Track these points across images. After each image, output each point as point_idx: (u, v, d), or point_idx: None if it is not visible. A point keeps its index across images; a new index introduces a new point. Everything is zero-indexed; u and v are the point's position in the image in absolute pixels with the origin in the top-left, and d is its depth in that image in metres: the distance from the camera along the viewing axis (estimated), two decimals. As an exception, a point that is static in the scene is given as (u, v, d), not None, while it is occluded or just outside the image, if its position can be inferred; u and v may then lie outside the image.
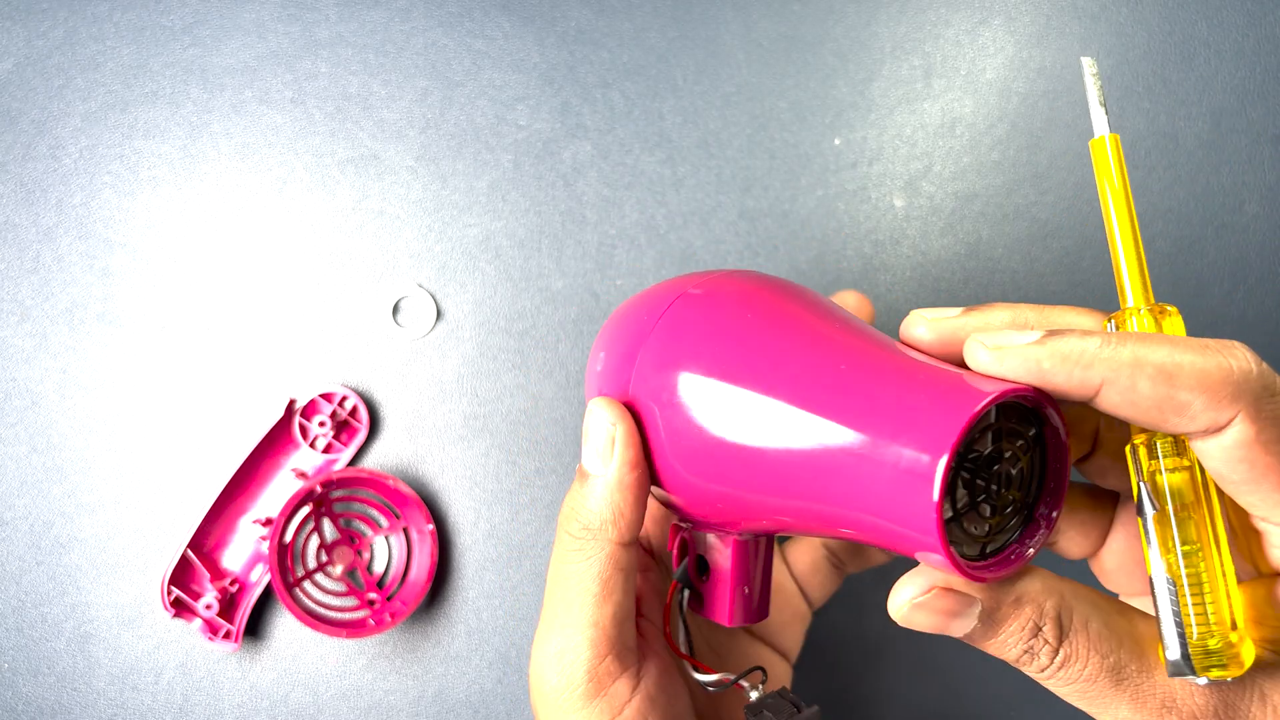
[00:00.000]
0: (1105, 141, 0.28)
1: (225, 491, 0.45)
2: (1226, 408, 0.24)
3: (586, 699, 0.32)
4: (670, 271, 0.47)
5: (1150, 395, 0.24)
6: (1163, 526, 0.26)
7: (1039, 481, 0.27)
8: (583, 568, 0.32)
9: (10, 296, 0.46)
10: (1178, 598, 0.26)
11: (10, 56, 0.47)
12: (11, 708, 0.45)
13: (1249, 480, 0.25)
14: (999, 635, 0.27)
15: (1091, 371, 0.24)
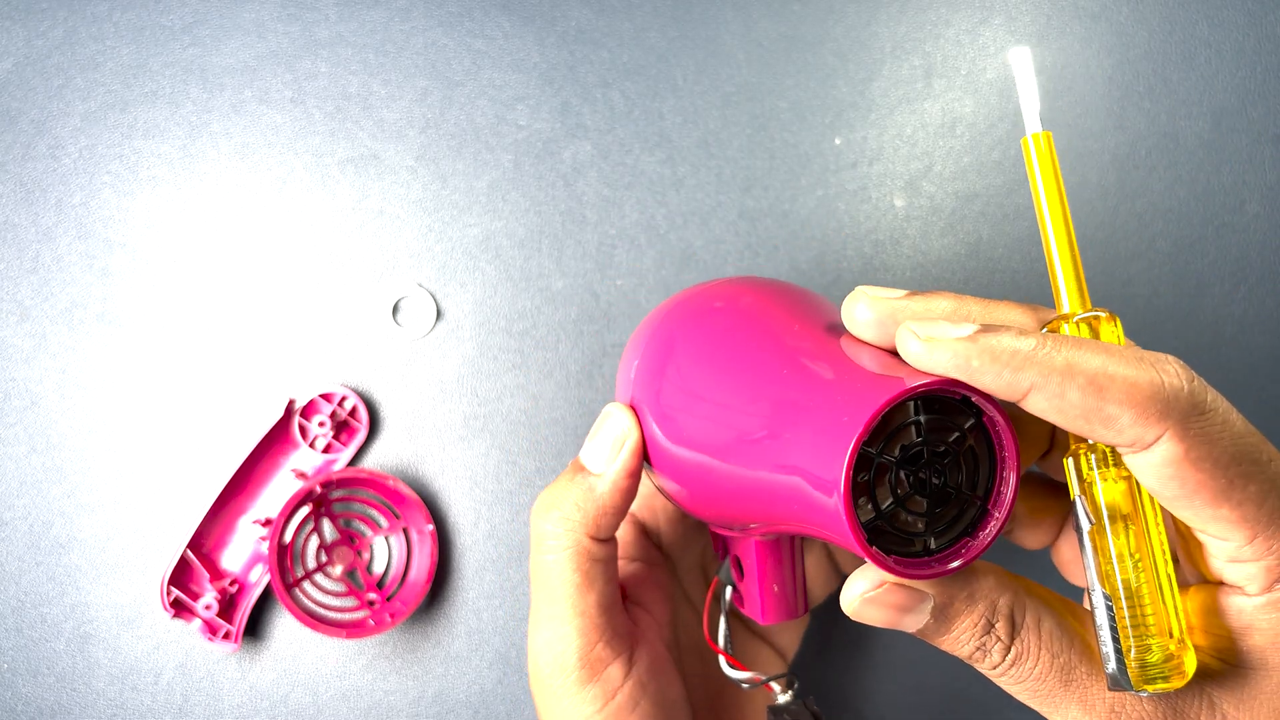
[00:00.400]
0: (1039, 139, 0.27)
1: (225, 492, 0.45)
2: (1154, 424, 0.24)
3: (580, 684, 0.33)
4: (670, 271, 0.47)
5: (1079, 405, 0.24)
6: (1099, 540, 0.26)
7: (990, 472, 0.26)
8: (563, 558, 0.32)
9: (9, 296, 0.46)
10: (1114, 614, 0.26)
11: (10, 56, 0.47)
12: (11, 708, 0.45)
13: (1180, 496, 0.24)
14: (952, 631, 0.27)
15: (1021, 374, 0.24)
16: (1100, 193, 0.48)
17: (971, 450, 0.26)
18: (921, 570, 0.26)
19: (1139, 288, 0.48)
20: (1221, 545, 0.25)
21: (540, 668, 0.33)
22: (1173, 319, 0.48)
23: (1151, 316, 0.48)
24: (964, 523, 0.26)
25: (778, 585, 0.35)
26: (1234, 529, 0.25)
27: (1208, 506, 0.24)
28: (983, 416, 0.26)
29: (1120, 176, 0.48)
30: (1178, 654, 0.25)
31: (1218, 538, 0.25)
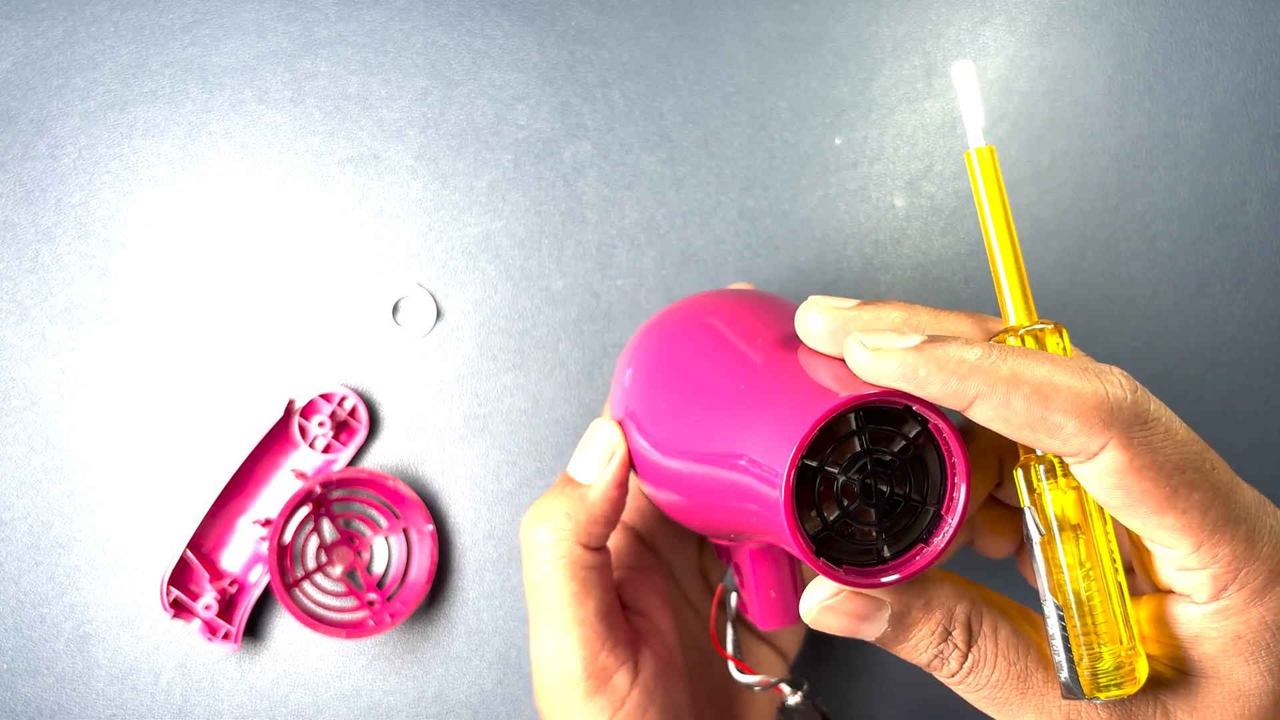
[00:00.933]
0: (983, 154, 0.27)
1: (224, 492, 0.45)
2: (1099, 433, 0.24)
3: (587, 695, 0.33)
4: (670, 271, 0.47)
5: (1024, 414, 0.24)
6: (1049, 550, 0.26)
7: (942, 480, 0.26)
8: (556, 569, 0.33)
9: (9, 296, 0.46)
10: (1066, 623, 0.26)
11: (9, 56, 0.47)
12: (10, 708, 0.45)
13: (1127, 505, 0.25)
14: (909, 639, 0.27)
15: (967, 383, 0.24)
16: (1101, 193, 0.48)
17: (921, 459, 0.26)
18: (873, 578, 0.26)
19: (1140, 288, 0.48)
20: (1169, 553, 0.25)
21: (546, 681, 0.33)
22: (1174, 319, 0.48)
23: (1152, 316, 0.48)
24: (917, 531, 0.26)
25: (774, 591, 0.35)
26: (1179, 537, 0.25)
27: (1153, 515, 0.25)
28: (929, 425, 0.26)
29: (1121, 176, 0.48)
30: (1129, 662, 0.25)
31: (1164, 546, 0.25)
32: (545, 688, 0.33)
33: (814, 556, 0.25)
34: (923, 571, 0.26)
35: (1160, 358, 0.48)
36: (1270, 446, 0.48)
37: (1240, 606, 0.25)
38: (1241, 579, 0.25)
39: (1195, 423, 0.47)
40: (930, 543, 0.26)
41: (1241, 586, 0.25)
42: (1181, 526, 0.25)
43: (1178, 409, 0.49)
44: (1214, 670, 0.26)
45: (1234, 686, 0.26)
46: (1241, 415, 0.48)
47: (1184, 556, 0.25)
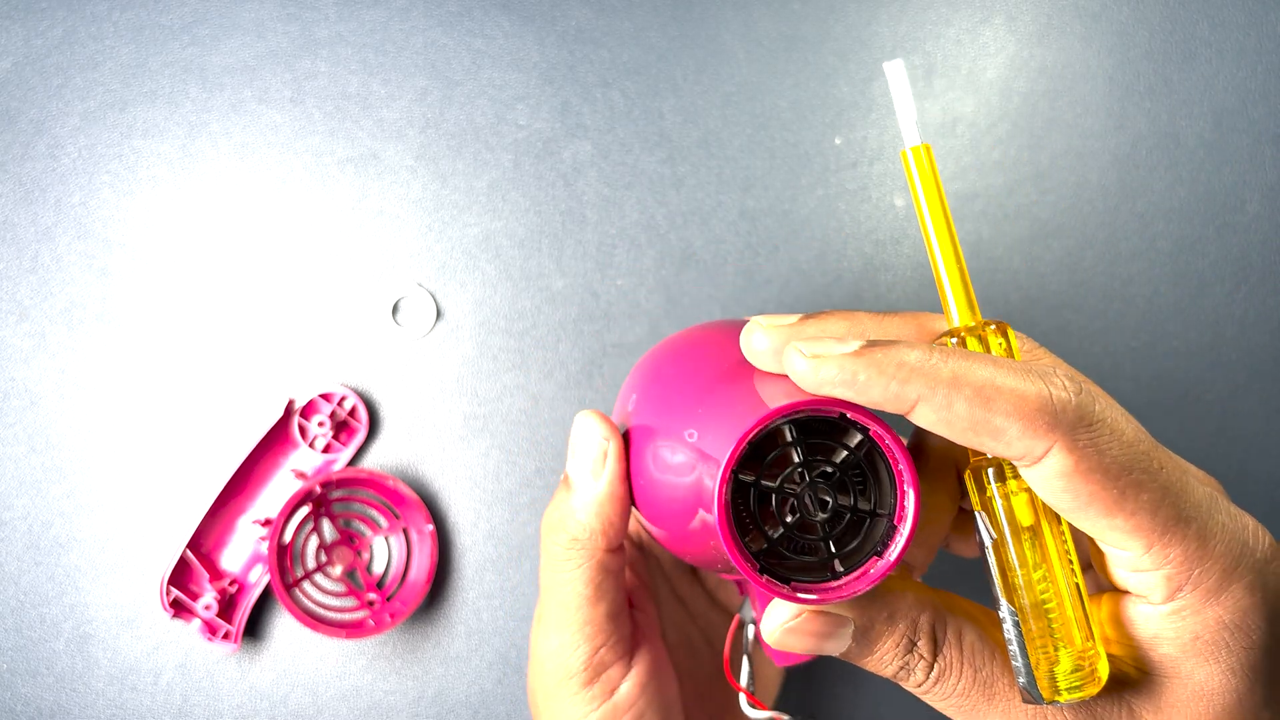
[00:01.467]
0: (919, 152, 0.27)
1: (224, 492, 0.45)
2: (1043, 436, 0.24)
3: (581, 685, 0.33)
4: (670, 271, 0.47)
5: (966, 417, 0.24)
6: (1002, 554, 0.26)
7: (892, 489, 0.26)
8: (574, 575, 0.33)
9: (9, 296, 0.46)
10: (1021, 627, 0.26)
11: (9, 55, 0.47)
12: (10, 708, 0.45)
13: (1075, 508, 0.25)
14: (874, 653, 0.27)
15: (907, 386, 0.24)
16: (1101, 192, 0.48)
17: (867, 469, 0.26)
18: (826, 594, 0.25)
19: (1140, 287, 0.48)
20: (1121, 555, 0.25)
21: (545, 672, 0.34)
22: (1174, 319, 0.48)
23: (1152, 316, 0.48)
24: (872, 543, 0.26)
25: None
26: (1130, 538, 0.25)
27: (1102, 517, 0.24)
28: (869, 433, 0.25)
29: (1121, 176, 0.48)
30: (1089, 663, 0.25)
31: (1116, 548, 0.25)
32: (543, 677, 0.34)
33: (757, 574, 0.25)
34: (877, 583, 0.25)
35: (1160, 358, 0.48)
36: (1270, 446, 0.48)
37: (1196, 606, 0.25)
38: (1195, 579, 0.25)
39: (1195, 423, 0.47)
40: (884, 554, 0.26)
41: (1196, 586, 0.25)
42: (1131, 528, 0.24)
43: (1178, 409, 0.49)
44: (1175, 670, 0.26)
45: (1196, 686, 0.25)
46: (1241, 415, 0.48)
47: (1136, 558, 0.25)
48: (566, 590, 0.33)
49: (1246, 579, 0.25)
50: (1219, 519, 0.25)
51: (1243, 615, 0.25)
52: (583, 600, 0.33)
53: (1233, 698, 0.25)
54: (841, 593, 0.25)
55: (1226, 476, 0.47)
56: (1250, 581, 0.25)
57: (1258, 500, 0.47)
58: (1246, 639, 0.25)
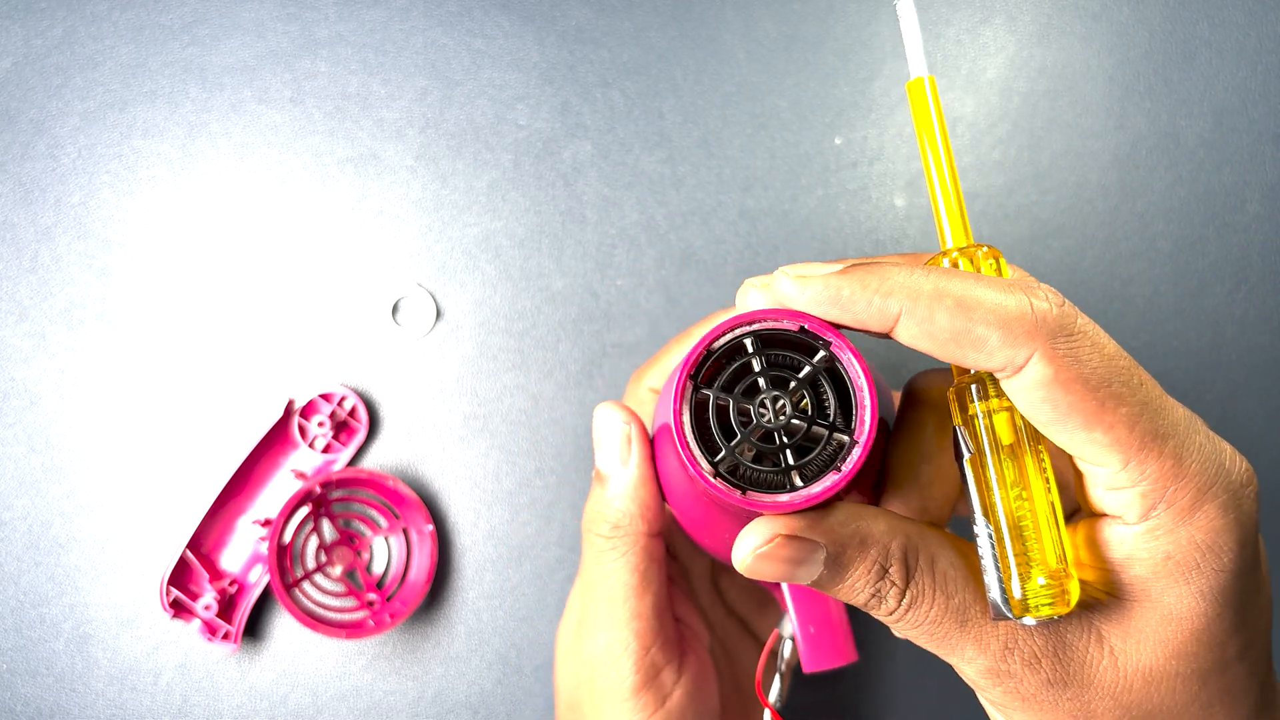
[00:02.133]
0: (924, 83, 0.28)
1: (224, 492, 0.45)
2: (1022, 345, 0.24)
3: (635, 691, 0.33)
4: (670, 271, 0.47)
5: (947, 327, 0.24)
6: (979, 469, 0.26)
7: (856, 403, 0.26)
8: (619, 564, 0.33)
9: (8, 296, 0.46)
10: (995, 542, 0.26)
11: (8, 55, 0.47)
12: (10, 709, 0.45)
13: (1054, 420, 0.25)
14: (846, 579, 0.27)
15: (890, 300, 0.25)
16: (1101, 192, 0.48)
17: (831, 386, 0.26)
18: (779, 505, 0.26)
19: (1140, 287, 0.48)
20: (1098, 471, 0.25)
21: (595, 677, 0.33)
22: (1174, 319, 0.48)
23: (1152, 316, 0.48)
24: (832, 458, 0.26)
25: (813, 626, 0.34)
26: (1107, 453, 0.25)
27: (1080, 429, 0.25)
28: (830, 347, 0.26)
29: (1121, 176, 0.48)
30: (1059, 583, 0.25)
31: (1093, 463, 0.25)
32: (594, 681, 0.33)
33: (712, 479, 0.25)
34: (831, 495, 0.26)
35: (1160, 358, 0.48)
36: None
37: (1170, 526, 0.25)
38: (1170, 497, 0.25)
39: (1195, 423, 0.47)
40: (841, 468, 0.26)
41: (1170, 505, 0.25)
42: (1109, 442, 0.24)
43: (1178, 409, 0.49)
44: (1145, 593, 0.26)
45: (1166, 609, 0.26)
46: (1241, 415, 0.48)
47: (1113, 474, 0.25)
48: (612, 581, 0.33)
49: (1220, 499, 0.25)
50: (1196, 439, 0.25)
51: (1215, 536, 0.25)
52: (630, 591, 0.33)
53: (1201, 622, 0.25)
54: (795, 504, 0.25)
55: (1226, 476, 0.47)
56: (1224, 502, 0.25)
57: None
58: (1217, 561, 0.25)
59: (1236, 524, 0.25)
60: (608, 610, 0.33)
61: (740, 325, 0.26)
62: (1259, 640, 0.26)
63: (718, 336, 0.26)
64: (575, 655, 0.34)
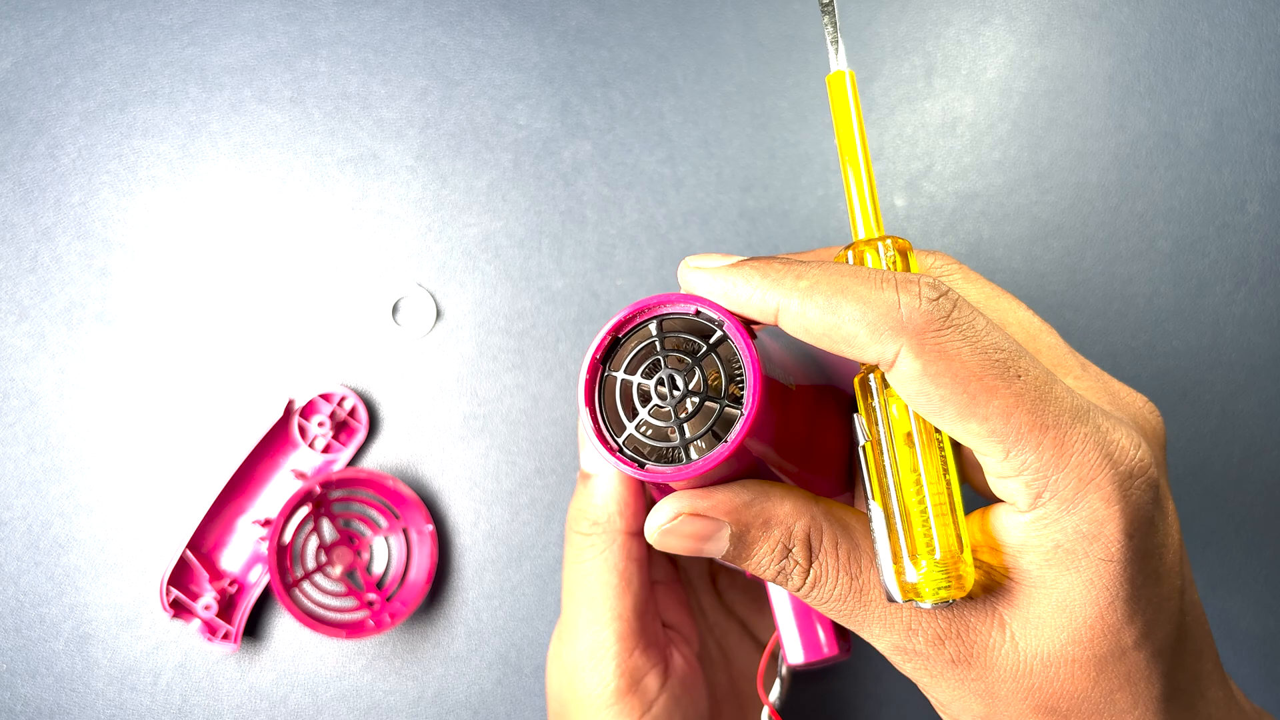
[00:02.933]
0: (843, 77, 0.29)
1: (224, 492, 0.45)
2: (889, 340, 0.25)
3: (619, 695, 0.33)
4: (670, 271, 0.47)
5: (819, 323, 0.25)
6: (872, 457, 0.27)
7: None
8: (598, 562, 0.33)
9: (8, 296, 0.46)
10: (887, 528, 0.27)
11: (8, 55, 0.47)
12: (10, 709, 0.45)
13: (931, 411, 0.25)
14: (752, 556, 0.28)
15: (768, 295, 0.26)
16: (1101, 192, 0.48)
17: (725, 363, 0.27)
18: (670, 475, 0.27)
19: (1140, 287, 0.48)
20: (986, 461, 0.26)
21: (577, 680, 0.33)
22: (1174, 319, 0.48)
23: (1152, 316, 0.48)
24: (724, 431, 0.27)
25: (795, 620, 0.35)
26: (986, 443, 0.25)
27: (958, 421, 0.25)
28: (724, 327, 0.27)
29: (1121, 176, 0.48)
30: (954, 569, 0.26)
31: (980, 454, 0.26)
32: (575, 686, 0.34)
33: (616, 453, 0.27)
34: (716, 465, 0.26)
35: (1160, 358, 0.48)
36: (1270, 446, 0.48)
37: (1055, 515, 0.25)
38: (1053, 486, 0.25)
39: (1195, 422, 0.47)
40: (727, 439, 0.26)
41: (1054, 494, 0.25)
42: (986, 433, 0.25)
43: (1178, 408, 0.49)
44: (1041, 580, 0.26)
45: (1059, 597, 0.26)
46: (1241, 415, 0.48)
47: (998, 464, 0.25)
48: (592, 581, 0.33)
49: (1105, 490, 0.25)
50: (1080, 430, 0.25)
51: (1098, 525, 0.25)
52: (610, 590, 0.33)
53: (1093, 611, 0.26)
54: (686, 474, 0.26)
55: (1226, 476, 0.47)
56: (1108, 494, 0.25)
57: (1257, 501, 0.47)
58: (1104, 550, 0.25)
59: (1122, 514, 0.25)
60: (588, 612, 0.33)
61: (644, 310, 0.27)
62: (1159, 629, 0.26)
63: (624, 322, 0.27)
64: (559, 659, 0.35)
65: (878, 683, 0.47)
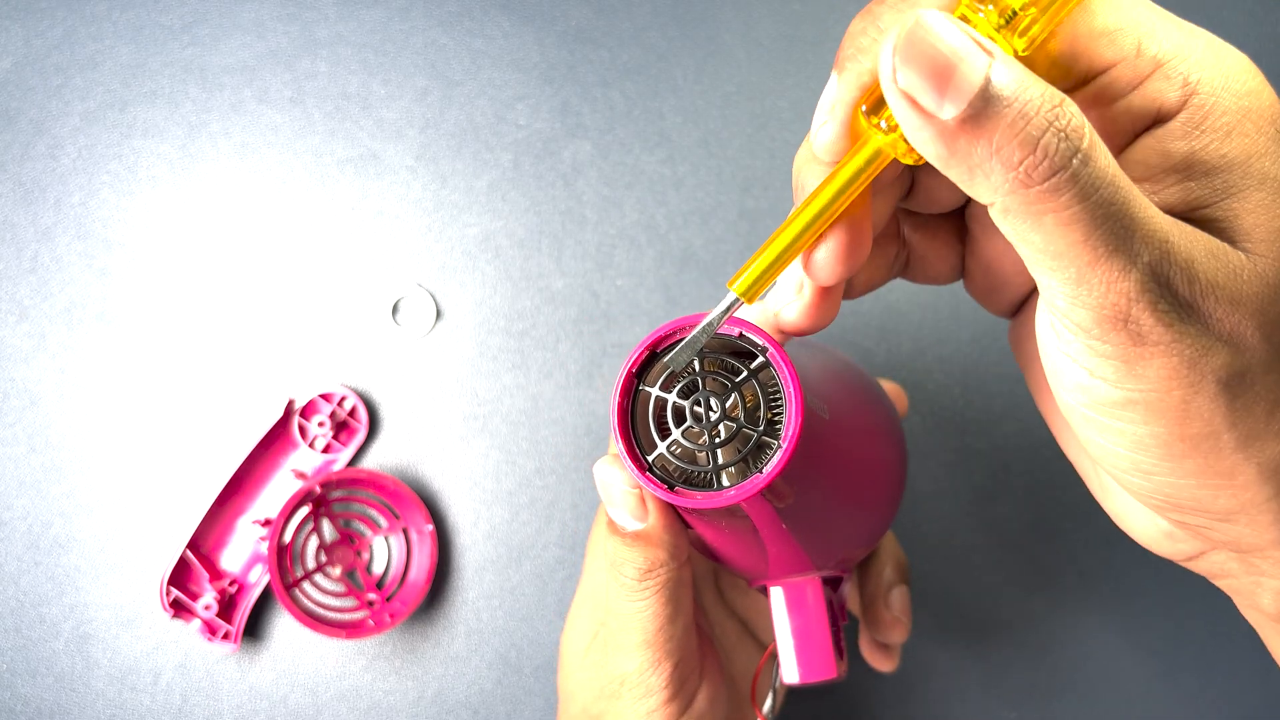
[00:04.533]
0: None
1: (224, 492, 0.45)
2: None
3: (664, 704, 0.33)
4: (670, 271, 0.47)
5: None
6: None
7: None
8: (652, 601, 0.32)
9: (8, 296, 0.46)
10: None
11: (9, 55, 0.47)
12: (10, 708, 0.45)
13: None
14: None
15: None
16: (1101, 192, 0.48)
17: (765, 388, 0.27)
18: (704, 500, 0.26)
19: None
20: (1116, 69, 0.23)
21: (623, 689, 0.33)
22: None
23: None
24: (759, 460, 0.27)
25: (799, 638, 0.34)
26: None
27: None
28: (768, 354, 0.26)
29: (1121, 176, 0.48)
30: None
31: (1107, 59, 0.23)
32: (620, 694, 0.33)
33: (644, 473, 0.26)
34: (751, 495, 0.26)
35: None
36: None
37: (1211, 96, 0.23)
38: (1195, 68, 0.23)
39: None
40: (763, 470, 0.26)
41: (1199, 73, 0.23)
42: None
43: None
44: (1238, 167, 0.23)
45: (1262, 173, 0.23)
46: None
47: (1132, 63, 0.23)
48: (646, 615, 0.32)
49: (1243, 60, 0.23)
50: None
51: (1254, 98, 0.23)
52: (664, 621, 0.32)
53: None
54: (717, 502, 0.26)
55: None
56: (1247, 65, 0.23)
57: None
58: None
59: (1265, 83, 0.23)
60: (641, 637, 0.33)
61: (685, 327, 0.26)
62: None
63: (663, 337, 0.27)
64: (599, 670, 0.34)
65: (866, 700, 0.47)
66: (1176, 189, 0.23)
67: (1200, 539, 0.26)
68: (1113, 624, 0.47)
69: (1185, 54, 0.23)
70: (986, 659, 0.47)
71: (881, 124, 0.24)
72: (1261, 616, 0.26)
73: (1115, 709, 0.47)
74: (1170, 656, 0.47)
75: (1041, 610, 0.47)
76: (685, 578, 0.33)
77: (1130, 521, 0.28)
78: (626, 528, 0.32)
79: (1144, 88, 0.23)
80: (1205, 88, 0.23)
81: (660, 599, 0.32)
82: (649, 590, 0.32)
